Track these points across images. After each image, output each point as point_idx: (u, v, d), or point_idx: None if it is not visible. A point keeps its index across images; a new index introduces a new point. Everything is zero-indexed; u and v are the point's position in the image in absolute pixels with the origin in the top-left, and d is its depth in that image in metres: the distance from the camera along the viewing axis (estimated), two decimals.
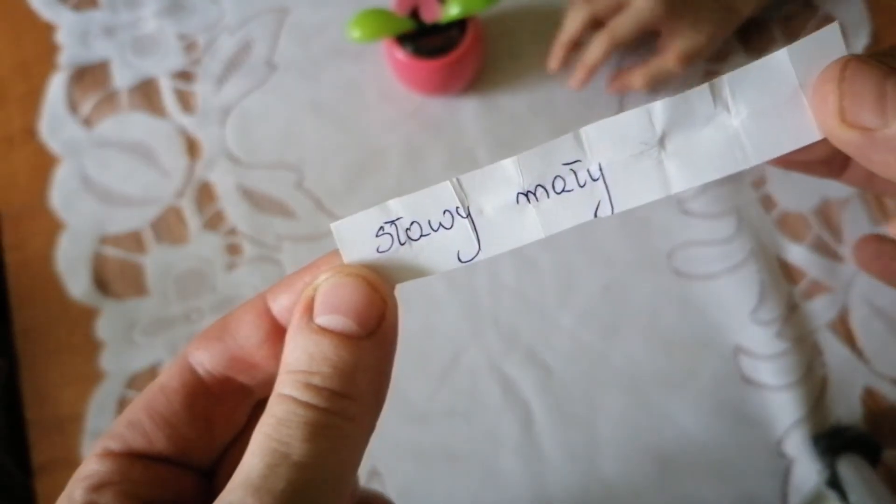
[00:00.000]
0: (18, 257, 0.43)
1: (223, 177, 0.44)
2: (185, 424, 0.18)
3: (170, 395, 0.18)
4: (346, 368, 0.16)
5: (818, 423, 0.39)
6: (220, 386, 0.18)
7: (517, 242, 0.17)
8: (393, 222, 0.17)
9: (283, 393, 0.15)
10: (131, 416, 0.18)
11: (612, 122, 0.16)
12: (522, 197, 0.17)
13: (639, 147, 0.16)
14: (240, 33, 0.47)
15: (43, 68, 0.46)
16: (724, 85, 0.16)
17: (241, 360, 0.18)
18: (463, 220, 0.17)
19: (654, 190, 0.16)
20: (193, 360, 0.18)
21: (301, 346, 0.16)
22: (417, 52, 0.41)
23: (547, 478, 0.38)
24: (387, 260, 0.17)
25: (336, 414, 0.15)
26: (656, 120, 0.16)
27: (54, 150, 0.45)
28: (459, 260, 0.17)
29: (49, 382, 0.41)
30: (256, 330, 0.18)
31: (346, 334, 0.16)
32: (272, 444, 0.15)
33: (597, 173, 0.16)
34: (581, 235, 0.42)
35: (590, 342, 0.40)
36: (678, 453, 0.39)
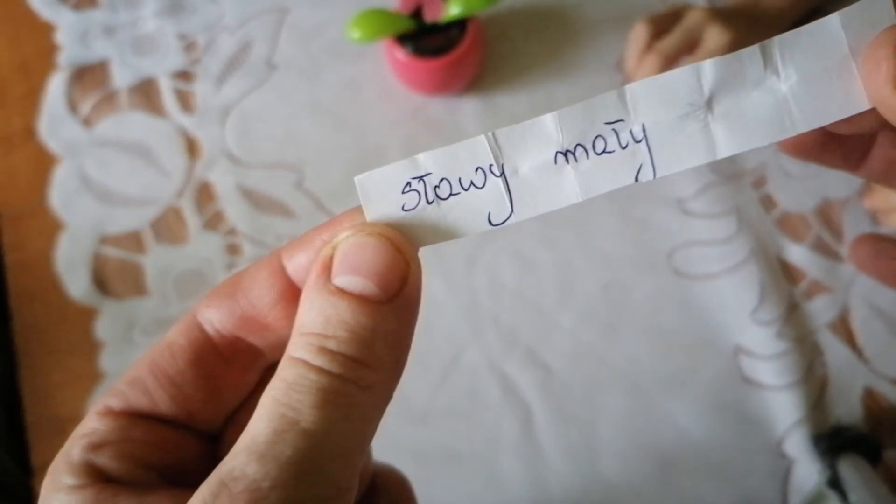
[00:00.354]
0: (18, 257, 0.43)
1: (223, 177, 0.44)
2: (191, 385, 0.17)
3: (176, 352, 0.17)
4: (364, 334, 0.15)
5: (818, 424, 0.39)
6: (230, 346, 0.17)
7: (553, 206, 0.16)
8: (421, 178, 0.16)
9: (294, 356, 0.15)
10: (134, 373, 0.17)
11: (660, 80, 0.15)
12: (561, 156, 0.16)
13: (685, 108, 0.15)
14: (239, 33, 0.47)
15: (43, 68, 0.46)
16: (775, 48, 0.15)
17: (253, 320, 0.17)
18: (496, 179, 0.16)
19: (700, 154, 0.16)
20: (202, 318, 0.17)
21: (317, 307, 0.15)
22: (417, 51, 0.41)
23: (547, 477, 0.38)
24: (412, 219, 0.16)
25: (350, 381, 0.14)
26: (705, 80, 0.15)
27: (54, 149, 0.45)
28: (490, 223, 0.16)
29: (49, 382, 0.41)
30: (270, 289, 0.17)
31: (366, 297, 0.15)
32: (281, 408, 0.14)
33: (640, 134, 0.16)
34: (581, 235, 0.42)
35: (590, 342, 0.40)
36: (678, 453, 0.39)
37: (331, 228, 0.16)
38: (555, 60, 0.45)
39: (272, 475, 0.13)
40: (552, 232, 0.42)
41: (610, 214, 0.42)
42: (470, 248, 0.42)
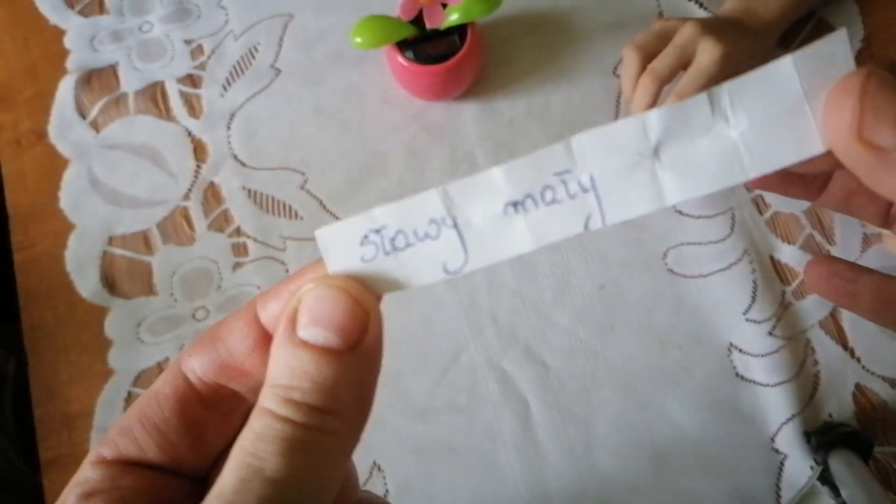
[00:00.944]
0: (28, 257, 0.44)
1: (229, 179, 0.45)
2: (177, 432, 0.18)
3: (162, 402, 0.18)
4: (326, 383, 0.15)
5: (810, 420, 0.39)
6: (212, 393, 0.18)
7: (506, 254, 0.16)
8: (378, 231, 0.17)
9: (263, 407, 0.15)
10: (124, 423, 0.18)
11: (606, 130, 0.15)
12: (511, 207, 0.16)
13: (633, 158, 0.15)
14: (244, 38, 0.47)
15: (51, 72, 0.47)
16: (724, 94, 0.15)
17: (232, 367, 0.18)
18: (450, 231, 0.16)
19: (648, 202, 0.16)
20: (185, 368, 0.18)
21: (283, 359, 0.16)
22: (418, 57, 0.41)
23: (544, 472, 0.39)
24: (371, 269, 0.17)
25: (314, 429, 0.15)
26: (651, 130, 0.15)
27: (63, 152, 0.46)
28: (446, 271, 0.17)
29: (58, 380, 0.42)
30: (245, 338, 0.18)
31: (328, 348, 0.16)
32: (247, 458, 0.14)
33: (588, 184, 0.16)
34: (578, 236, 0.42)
35: (586, 340, 0.41)
36: (673, 449, 0.39)
37: (297, 280, 0.17)
38: (553, 65, 0.46)
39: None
40: None
41: None
42: None
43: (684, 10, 0.47)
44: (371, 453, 0.40)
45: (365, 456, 0.40)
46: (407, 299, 0.42)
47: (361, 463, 0.39)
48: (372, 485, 0.39)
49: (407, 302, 0.42)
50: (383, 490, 0.39)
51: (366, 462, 0.40)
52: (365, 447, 0.39)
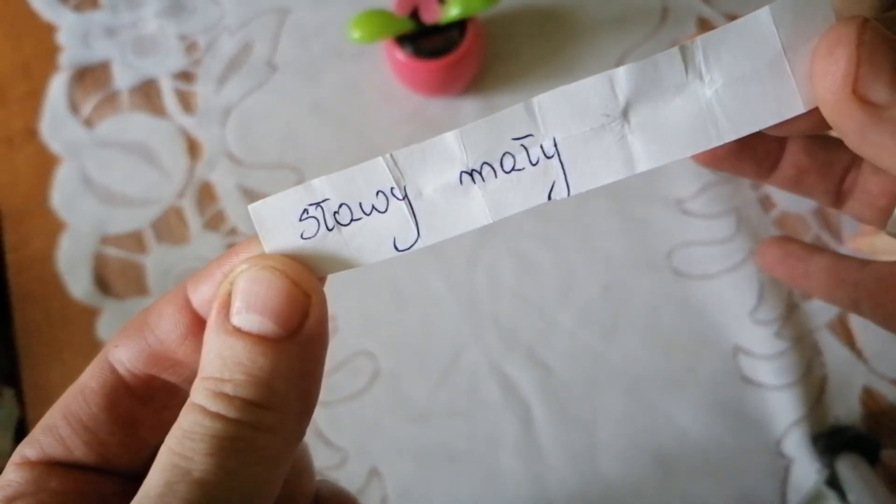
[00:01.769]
0: (19, 257, 0.43)
1: (224, 177, 0.44)
2: (106, 429, 0.16)
3: (88, 397, 0.16)
4: (261, 375, 0.14)
5: (817, 423, 0.39)
6: (144, 385, 0.17)
7: (462, 228, 0.15)
8: (319, 204, 0.15)
9: (192, 402, 0.14)
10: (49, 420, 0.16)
11: (569, 90, 0.14)
12: (467, 176, 0.15)
13: (599, 119, 0.14)
14: (240, 34, 0.47)
15: (44, 69, 0.46)
16: (698, 49, 0.14)
17: (164, 356, 0.16)
18: (399, 203, 0.15)
19: (617, 169, 0.15)
20: (113, 359, 0.17)
21: (215, 349, 0.14)
22: (417, 52, 0.41)
23: (546, 477, 0.38)
24: (313, 247, 0.15)
25: (248, 425, 0.14)
26: (619, 88, 0.14)
27: (55, 150, 0.45)
28: (396, 248, 0.15)
29: (50, 382, 0.41)
30: (177, 324, 0.16)
31: (264, 336, 0.14)
32: (174, 458, 0.13)
33: (551, 150, 0.15)
34: (580, 235, 0.42)
35: (589, 342, 0.40)
36: (677, 453, 0.39)
37: (230, 259, 0.16)
38: (554, 61, 0.45)
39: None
40: (552, 232, 0.42)
41: (609, 214, 0.42)
42: (470, 248, 0.42)
43: (689, 7, 0.46)
44: (369, 458, 0.39)
45: (363, 461, 0.39)
46: (406, 299, 0.41)
47: (359, 468, 0.39)
48: (370, 491, 0.38)
49: (405, 302, 0.41)
50: (382, 496, 0.38)
51: (364, 467, 0.39)
52: (363, 452, 0.39)
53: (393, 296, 0.41)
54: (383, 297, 0.41)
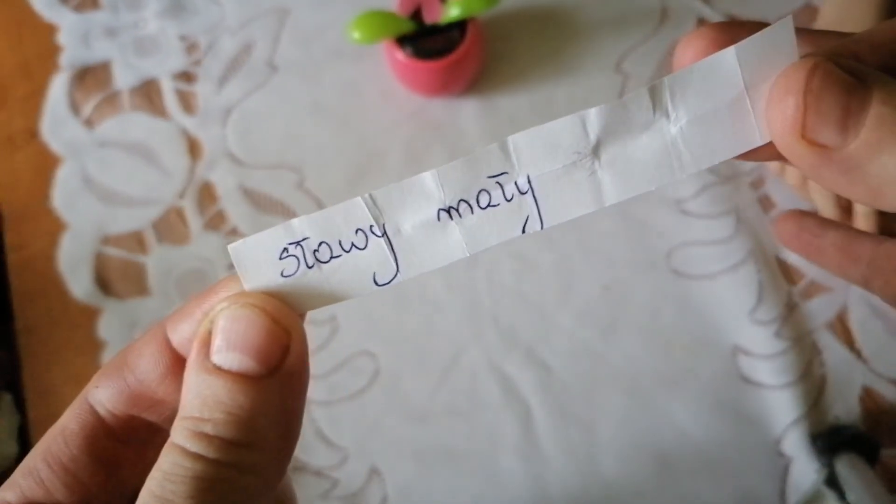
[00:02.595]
0: (20, 257, 0.43)
1: (224, 177, 0.44)
2: (86, 470, 0.16)
3: (68, 438, 0.16)
4: (241, 414, 0.14)
5: (817, 423, 0.39)
6: (125, 426, 0.17)
7: (439, 262, 0.16)
8: (299, 243, 0.15)
9: (173, 442, 0.14)
10: (29, 462, 0.16)
11: (543, 130, 0.15)
12: (444, 213, 0.15)
13: (571, 157, 0.15)
14: (241, 34, 0.47)
15: (44, 69, 0.46)
16: (665, 89, 0.15)
17: (144, 396, 0.16)
18: (378, 240, 0.15)
19: (586, 203, 0.15)
20: (93, 400, 0.17)
21: (194, 388, 0.14)
22: (417, 53, 0.41)
23: (546, 476, 0.39)
24: (293, 285, 0.16)
25: (229, 466, 0.14)
26: (591, 127, 0.15)
27: (56, 150, 0.45)
28: (376, 283, 0.16)
29: (51, 382, 0.41)
30: (156, 364, 0.16)
31: (244, 374, 0.14)
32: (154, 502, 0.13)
33: (525, 186, 0.15)
34: (580, 236, 0.42)
35: (589, 342, 0.40)
36: (677, 452, 0.39)
37: (209, 298, 0.16)
38: (555, 61, 0.45)
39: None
40: (552, 232, 0.42)
41: (609, 215, 0.42)
42: None
43: (688, 8, 0.47)
44: (369, 458, 0.39)
45: (363, 460, 0.39)
46: (406, 300, 0.41)
47: (360, 468, 0.39)
48: (370, 490, 0.39)
49: (405, 303, 0.41)
50: (382, 495, 0.38)
51: (364, 467, 0.39)
52: (363, 452, 0.39)
53: (393, 296, 0.41)
54: (383, 297, 0.41)
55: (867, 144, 0.13)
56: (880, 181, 0.13)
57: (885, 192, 0.13)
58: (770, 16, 0.46)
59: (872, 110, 0.13)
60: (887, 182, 0.13)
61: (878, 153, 0.13)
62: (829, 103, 0.13)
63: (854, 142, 0.13)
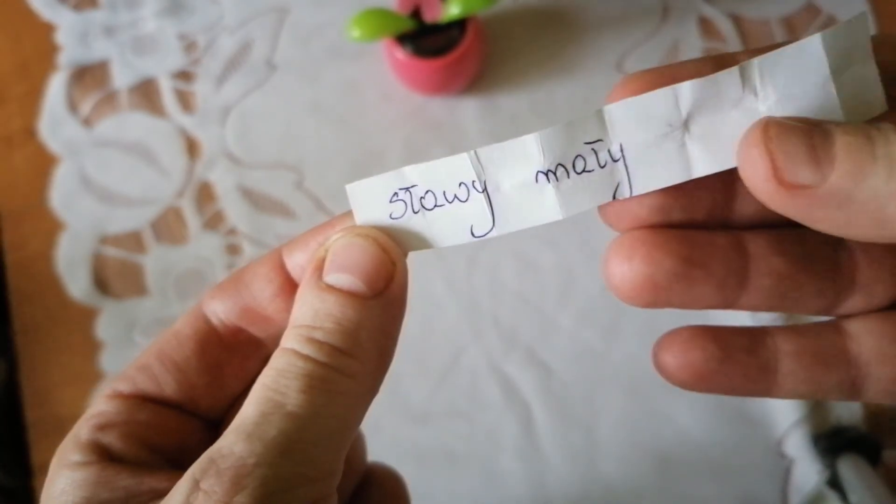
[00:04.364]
0: (18, 257, 0.43)
1: (223, 177, 0.44)
2: (196, 371, 0.18)
3: (182, 341, 0.18)
4: (349, 325, 0.16)
5: (819, 423, 0.39)
6: (233, 336, 0.18)
7: (533, 222, 0.17)
8: (408, 189, 0.17)
9: (285, 346, 0.16)
10: (143, 360, 0.18)
11: (637, 101, 0.16)
12: (542, 176, 0.16)
13: (663, 128, 0.16)
14: (240, 33, 0.47)
15: (42, 68, 0.46)
16: (755, 69, 0.15)
17: (254, 312, 0.18)
18: (479, 195, 0.17)
19: (676, 173, 0.16)
20: (207, 310, 0.18)
21: (308, 302, 0.16)
22: (417, 51, 0.41)
23: (547, 477, 0.38)
24: (399, 227, 0.17)
25: (335, 369, 0.15)
26: (682, 101, 0.15)
27: (54, 149, 0.45)
28: (472, 234, 0.17)
29: (49, 382, 0.41)
30: (269, 283, 0.18)
31: (353, 292, 0.16)
32: (268, 392, 0.15)
33: (618, 154, 0.16)
34: (582, 236, 0.42)
35: (590, 342, 0.40)
36: (678, 453, 0.39)
37: (325, 231, 0.17)
38: (555, 60, 0.45)
39: (257, 453, 0.14)
40: (553, 232, 0.42)
41: None
42: (470, 249, 0.42)
43: (689, 6, 0.46)
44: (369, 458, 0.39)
45: None
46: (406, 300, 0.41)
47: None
48: None
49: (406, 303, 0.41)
50: None
51: None
52: None
53: None
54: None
55: (847, 174, 0.13)
56: (877, 205, 0.13)
57: (885, 216, 0.13)
58: (771, 15, 0.46)
59: (838, 141, 0.14)
60: (885, 204, 0.13)
61: (862, 178, 0.13)
62: (792, 143, 0.14)
63: (833, 174, 0.13)
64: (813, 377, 0.17)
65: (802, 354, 0.17)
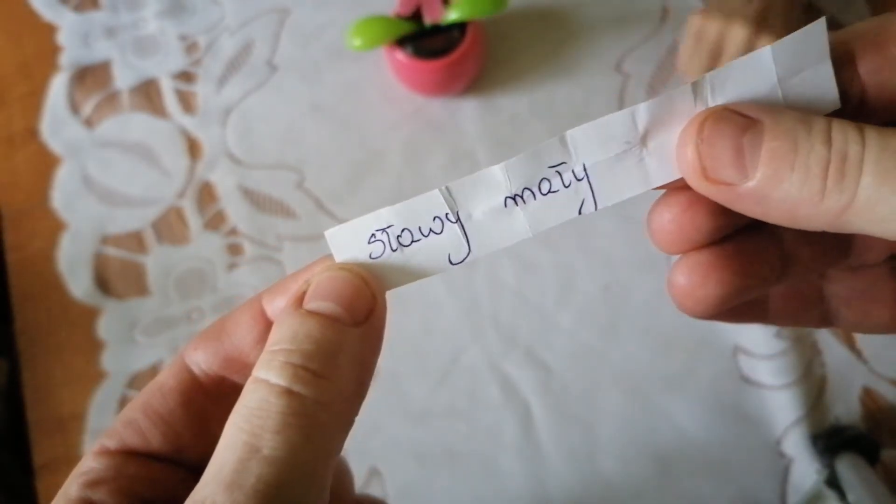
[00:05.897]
0: (20, 257, 0.43)
1: (224, 177, 0.44)
2: (181, 423, 0.18)
3: (166, 393, 0.18)
4: (329, 347, 0.15)
5: (817, 423, 0.39)
6: (216, 386, 0.18)
7: (507, 242, 0.17)
8: (384, 230, 0.17)
9: (258, 377, 0.15)
10: (129, 414, 0.18)
11: (598, 124, 0.17)
12: (510, 200, 0.17)
13: (622, 146, 0.17)
14: (240, 34, 0.47)
15: (44, 69, 0.47)
16: (706, 83, 0.16)
17: (236, 360, 0.18)
18: (453, 225, 0.17)
19: (636, 186, 0.17)
20: (190, 361, 0.18)
21: (287, 325, 0.16)
22: (418, 53, 0.41)
23: (546, 477, 0.38)
24: (379, 266, 0.18)
25: (311, 400, 0.15)
26: (640, 120, 0.16)
27: (56, 150, 0.45)
28: (450, 262, 0.18)
29: (50, 382, 0.41)
30: (251, 331, 0.18)
31: (335, 317, 0.16)
32: (243, 436, 0.14)
33: (581, 174, 0.17)
34: (581, 236, 0.42)
35: (589, 342, 0.40)
36: (677, 452, 0.39)
37: (305, 275, 0.18)
38: (555, 61, 0.45)
39: (239, 502, 0.14)
40: (552, 233, 0.42)
41: (609, 215, 0.42)
42: None
43: (689, 7, 0.46)
44: (369, 458, 0.39)
45: (363, 461, 0.39)
46: (406, 300, 0.41)
47: (360, 468, 0.39)
48: (370, 490, 0.38)
49: (406, 303, 0.41)
50: (382, 495, 0.38)
51: (364, 467, 0.39)
52: (363, 452, 0.39)
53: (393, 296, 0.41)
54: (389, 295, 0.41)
55: (766, 177, 0.15)
56: (789, 206, 0.15)
57: (797, 215, 0.15)
58: None
59: (765, 146, 0.15)
60: (796, 206, 0.15)
61: (778, 183, 0.15)
62: (720, 148, 0.15)
63: (755, 176, 0.15)
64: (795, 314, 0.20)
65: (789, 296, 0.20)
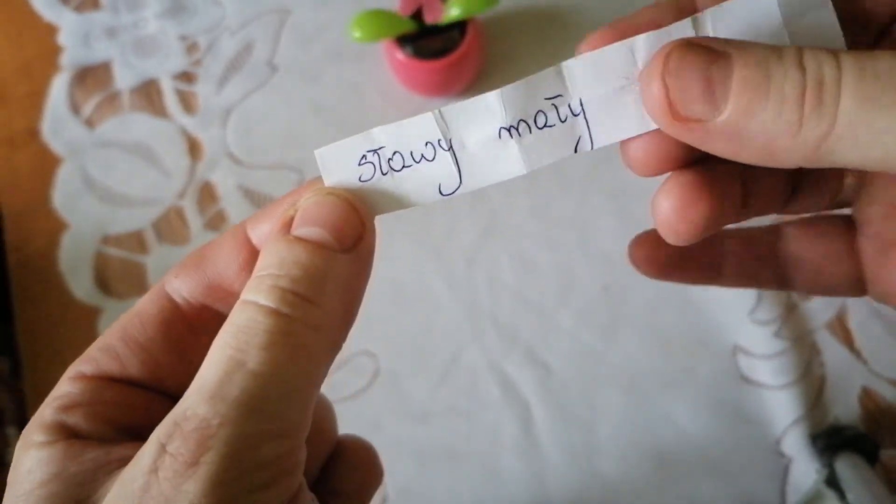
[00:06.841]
0: (21, 257, 0.43)
1: (224, 177, 0.44)
2: (160, 351, 0.18)
3: (145, 321, 0.18)
4: (316, 274, 0.15)
5: (816, 423, 0.39)
6: (198, 314, 0.18)
7: (499, 177, 0.17)
8: (376, 151, 0.17)
9: (246, 299, 0.15)
10: (105, 340, 0.18)
11: (595, 55, 0.16)
12: (505, 132, 0.16)
13: (620, 81, 0.16)
14: (241, 34, 0.47)
15: (45, 69, 0.47)
16: (707, 20, 0.16)
17: (220, 288, 0.18)
18: (445, 153, 0.17)
19: (634, 126, 0.16)
20: (170, 289, 0.18)
21: (275, 251, 0.16)
22: (417, 53, 0.41)
23: (546, 476, 0.39)
24: (369, 189, 0.17)
25: (299, 321, 0.15)
26: (638, 54, 0.16)
27: (56, 150, 0.45)
28: (441, 193, 0.17)
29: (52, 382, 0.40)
30: (235, 257, 0.17)
31: (322, 244, 0.16)
32: (229, 351, 0.14)
33: (578, 108, 0.16)
34: (581, 236, 0.42)
35: (589, 342, 0.40)
36: (677, 452, 0.39)
37: (292, 199, 0.17)
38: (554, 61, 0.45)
39: (221, 413, 0.14)
40: (552, 232, 0.42)
41: (610, 214, 0.42)
42: (470, 248, 0.42)
43: None
44: None
45: None
46: (406, 300, 0.41)
47: None
48: None
49: (406, 303, 0.41)
50: (382, 495, 0.38)
51: None
52: None
53: (393, 295, 0.41)
54: (384, 297, 0.41)
55: (739, 108, 0.14)
56: (765, 139, 0.14)
57: (773, 149, 0.14)
58: None
59: (735, 75, 0.14)
60: (772, 139, 0.14)
61: (753, 114, 0.14)
62: (688, 79, 0.14)
63: (726, 109, 0.14)
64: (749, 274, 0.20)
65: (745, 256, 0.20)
